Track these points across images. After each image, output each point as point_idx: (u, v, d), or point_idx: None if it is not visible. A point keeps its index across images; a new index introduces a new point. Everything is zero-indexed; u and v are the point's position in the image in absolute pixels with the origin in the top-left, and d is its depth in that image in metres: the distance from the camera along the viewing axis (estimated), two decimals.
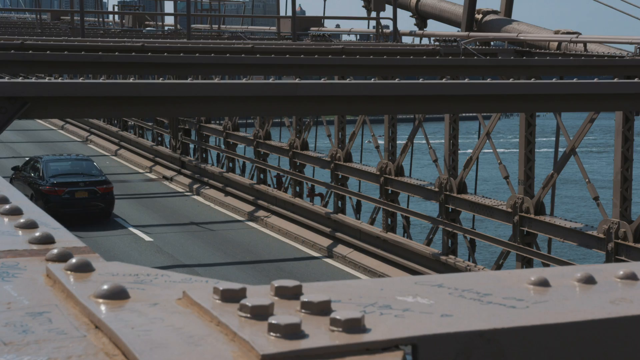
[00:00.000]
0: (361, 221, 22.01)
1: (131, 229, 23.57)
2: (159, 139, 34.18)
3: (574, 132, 16.70)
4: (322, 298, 1.40)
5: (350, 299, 1.45)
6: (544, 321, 1.36)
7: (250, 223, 24.79)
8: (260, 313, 1.36)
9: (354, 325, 1.31)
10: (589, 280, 1.57)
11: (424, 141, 20.82)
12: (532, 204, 17.11)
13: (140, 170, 33.12)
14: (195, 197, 28.32)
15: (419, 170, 38.37)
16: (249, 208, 25.65)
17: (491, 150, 18.96)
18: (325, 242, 22.05)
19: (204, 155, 30.43)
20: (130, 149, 35.95)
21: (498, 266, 18.06)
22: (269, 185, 26.43)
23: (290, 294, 1.46)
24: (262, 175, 26.78)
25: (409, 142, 20.84)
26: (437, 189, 19.55)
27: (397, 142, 21.54)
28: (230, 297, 1.44)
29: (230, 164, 28.78)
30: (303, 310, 1.39)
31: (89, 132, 41.33)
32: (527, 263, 17.48)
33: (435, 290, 1.51)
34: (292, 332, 1.29)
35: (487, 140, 18.59)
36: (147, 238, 22.58)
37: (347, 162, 22.82)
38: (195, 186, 29.04)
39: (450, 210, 19.35)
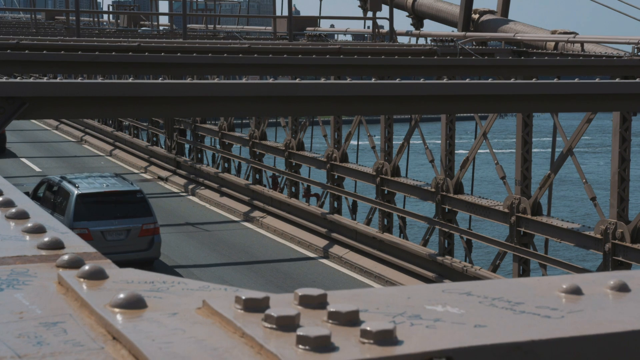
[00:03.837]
0: (357, 222, 21.94)
1: None
2: (154, 139, 34.08)
3: (571, 132, 16.67)
4: (350, 308, 1.34)
5: (378, 309, 1.39)
6: (582, 332, 1.30)
7: (245, 223, 24.73)
8: (287, 324, 1.31)
9: (386, 337, 1.25)
10: (623, 288, 1.52)
11: (421, 141, 20.77)
12: (529, 205, 17.07)
13: (135, 171, 33.03)
14: (191, 197, 28.24)
15: (416, 171, 38.35)
16: (245, 208, 25.58)
17: (488, 151, 18.90)
18: (321, 242, 21.98)
19: (199, 156, 30.36)
20: (125, 149, 35.85)
21: (495, 267, 18.02)
22: (265, 186, 26.36)
23: (315, 303, 1.40)
24: (257, 176, 26.71)
25: (405, 142, 20.78)
26: (433, 190, 19.50)
27: (394, 142, 21.48)
28: (254, 306, 1.38)
29: (226, 165, 28.70)
30: (330, 321, 1.33)
31: (83, 132, 41.22)
32: (523, 264, 17.45)
33: (464, 298, 1.46)
34: (322, 344, 1.23)
35: (484, 141, 18.55)
36: None
37: (343, 163, 22.75)
38: (190, 186, 28.96)
39: (446, 210, 19.30)
